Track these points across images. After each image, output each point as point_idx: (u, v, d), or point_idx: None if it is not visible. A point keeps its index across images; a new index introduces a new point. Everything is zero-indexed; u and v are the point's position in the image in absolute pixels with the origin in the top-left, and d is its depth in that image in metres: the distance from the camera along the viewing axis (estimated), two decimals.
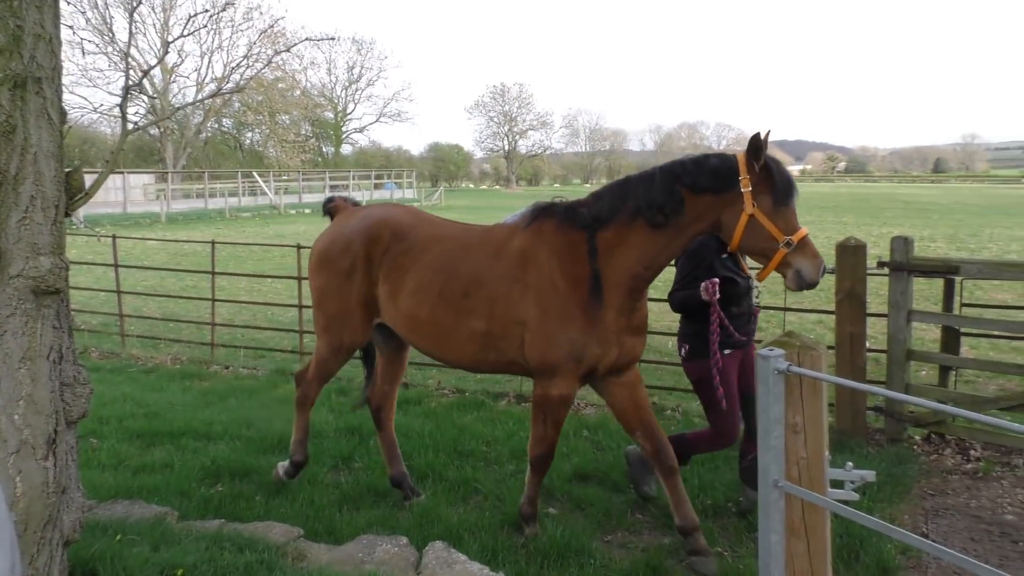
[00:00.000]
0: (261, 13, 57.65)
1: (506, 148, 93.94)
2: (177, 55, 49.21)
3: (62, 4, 2.81)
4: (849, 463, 2.54)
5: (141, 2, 44.28)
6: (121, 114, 3.67)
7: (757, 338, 4.61)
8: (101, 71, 48.90)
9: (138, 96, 43.69)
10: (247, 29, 52.40)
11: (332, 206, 4.98)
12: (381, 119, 78.16)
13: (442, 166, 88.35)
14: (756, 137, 3.52)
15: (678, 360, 4.61)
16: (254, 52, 51.06)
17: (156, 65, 44.96)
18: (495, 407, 6.81)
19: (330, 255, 4.58)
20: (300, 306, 8.85)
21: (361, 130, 75.37)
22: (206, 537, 3.78)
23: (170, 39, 45.42)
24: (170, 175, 44.48)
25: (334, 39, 59.53)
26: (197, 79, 52.36)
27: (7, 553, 1.49)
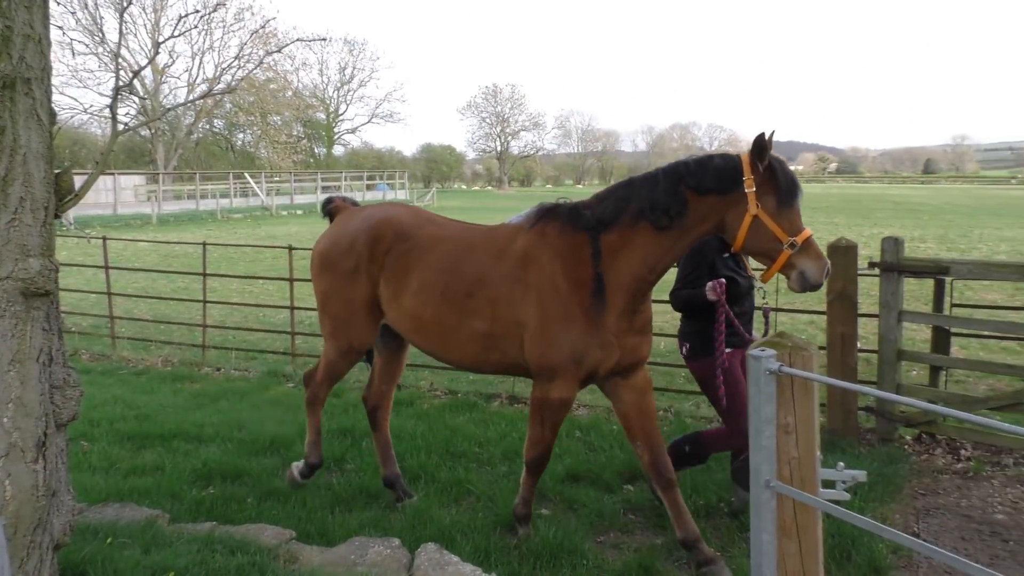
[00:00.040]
0: (253, 14, 57.69)
1: (498, 149, 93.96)
2: (168, 56, 49.17)
3: (52, 4, 2.80)
4: (840, 463, 2.55)
5: (131, 2, 44.06)
6: (111, 115, 3.65)
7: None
8: (91, 72, 48.60)
9: (128, 97, 43.66)
10: (239, 30, 52.37)
11: (332, 207, 4.92)
12: (373, 120, 78.08)
13: (434, 167, 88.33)
14: (760, 137, 3.48)
15: (670, 361, 4.61)
16: (245, 53, 51.03)
17: (146, 66, 44.85)
18: (487, 408, 6.81)
19: (332, 257, 4.53)
20: (292, 308, 8.83)
21: (353, 131, 75.33)
22: (197, 540, 3.77)
23: (161, 40, 45.35)
24: (161, 176, 44.28)
25: (326, 40, 59.55)
26: (188, 80, 52.27)
27: None
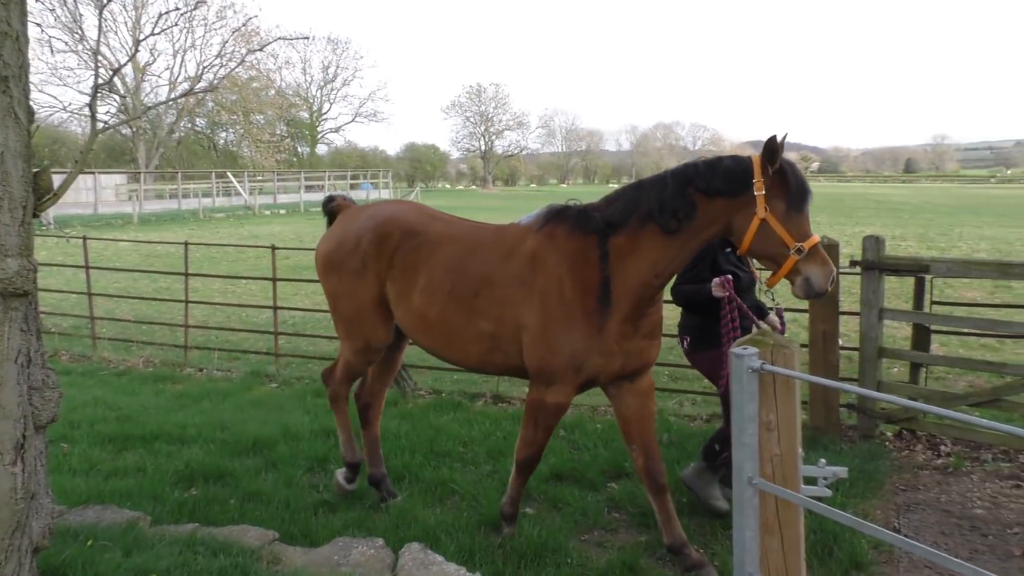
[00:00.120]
0: (235, 12, 57.26)
1: (482, 148, 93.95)
2: (149, 54, 48.74)
3: (30, 1, 2.76)
4: (822, 460, 2.57)
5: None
6: (91, 113, 3.61)
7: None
8: (71, 69, 48.32)
9: (109, 95, 43.17)
10: (220, 28, 51.80)
11: (334, 205, 4.82)
12: (357, 119, 77.97)
13: (418, 166, 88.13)
14: (772, 140, 3.39)
15: (660, 362, 4.62)
16: (227, 51, 50.70)
17: (126, 63, 44.37)
18: (472, 408, 6.81)
19: (338, 256, 4.46)
20: (275, 308, 8.78)
21: (337, 130, 75.07)
22: (179, 541, 3.73)
23: (141, 37, 44.90)
24: (142, 175, 43.93)
25: (308, 38, 59.29)
26: (170, 78, 51.88)
27: None
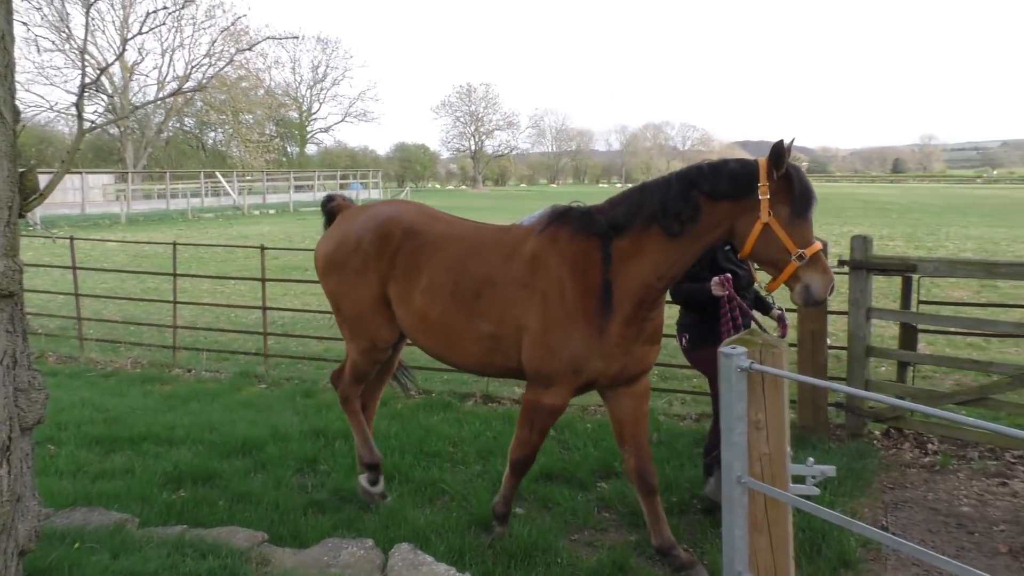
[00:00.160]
0: (224, 11, 56.91)
1: (472, 148, 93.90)
2: (137, 53, 48.40)
3: (16, 0, 2.74)
4: (810, 458, 2.58)
5: None
6: (78, 113, 3.59)
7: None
8: (58, 69, 47.83)
9: (96, 94, 42.90)
10: (209, 27, 51.48)
11: (333, 205, 4.76)
12: (346, 119, 77.72)
13: (408, 166, 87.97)
14: (779, 144, 3.36)
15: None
16: (216, 50, 50.45)
17: (113, 62, 44.01)
18: (461, 408, 6.80)
19: (339, 256, 4.42)
20: (264, 308, 8.75)
21: (326, 130, 74.85)
22: (167, 544, 3.71)
23: (129, 36, 44.60)
24: (130, 175, 43.67)
25: (297, 38, 59.04)
26: (158, 77, 51.57)
27: None
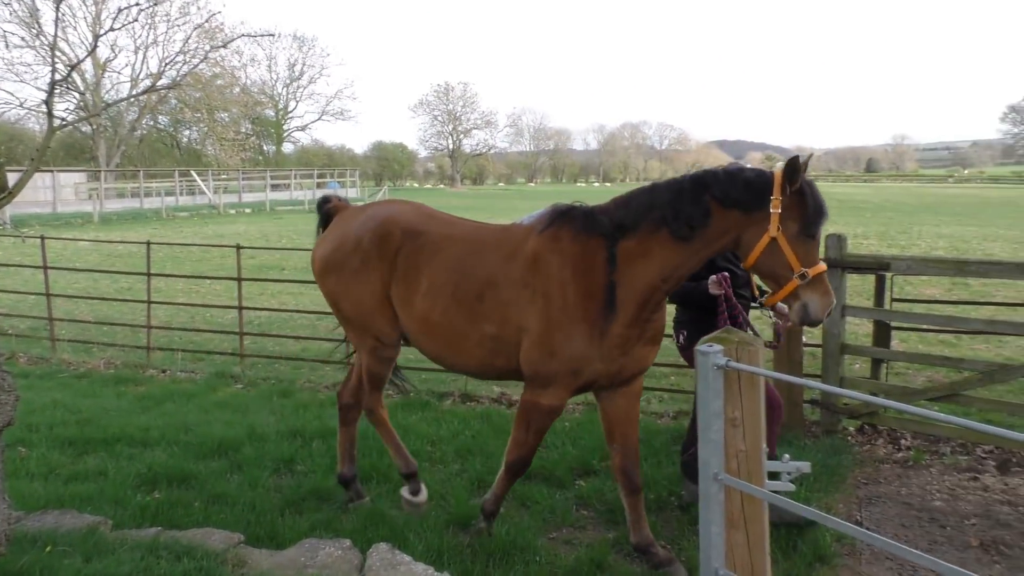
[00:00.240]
0: (198, 8, 56.06)
1: (450, 147, 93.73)
2: (110, 50, 47.85)
3: None
4: (786, 455, 2.61)
5: None
6: (47, 110, 3.54)
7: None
8: (28, 65, 47.07)
9: (68, 91, 42.32)
10: (183, 24, 50.91)
11: (330, 207, 4.64)
12: (323, 117, 77.51)
13: (386, 165, 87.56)
14: (794, 160, 3.31)
15: None
16: (190, 47, 49.94)
17: (84, 59, 43.43)
18: (440, 407, 6.78)
19: (337, 257, 4.31)
20: (240, 308, 8.67)
21: (303, 128, 74.42)
22: (141, 546, 3.67)
23: (101, 32, 44.05)
24: (103, 174, 43.13)
25: (273, 35, 58.50)
26: (131, 74, 51.05)
27: None
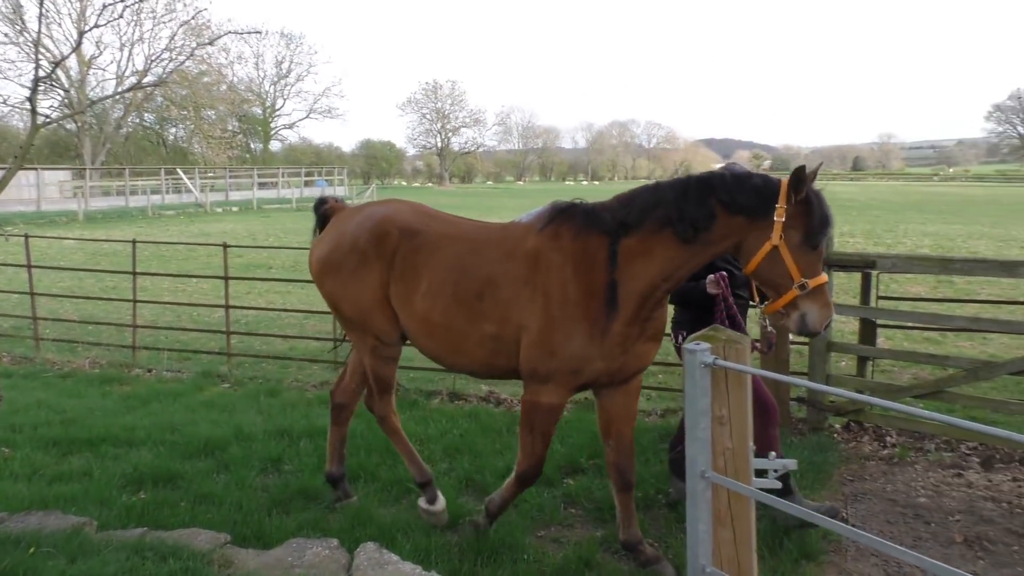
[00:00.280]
0: (184, 4, 55.65)
1: (439, 145, 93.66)
2: (95, 46, 47.42)
3: None
4: (772, 452, 2.61)
5: None
6: (31, 107, 3.50)
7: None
8: (12, 62, 46.85)
9: (52, 89, 41.95)
10: (169, 21, 50.42)
11: (326, 208, 4.58)
12: (311, 115, 77.07)
13: (374, 163, 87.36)
14: (800, 170, 3.28)
15: None
16: (177, 44, 49.55)
17: (68, 56, 43.03)
18: (428, 405, 6.77)
19: (335, 258, 4.27)
20: (227, 307, 8.62)
21: (291, 126, 74.22)
22: (127, 547, 3.64)
23: (86, 29, 43.64)
24: (88, 172, 42.75)
25: (261, 33, 58.19)
26: (117, 72, 50.58)
27: None
